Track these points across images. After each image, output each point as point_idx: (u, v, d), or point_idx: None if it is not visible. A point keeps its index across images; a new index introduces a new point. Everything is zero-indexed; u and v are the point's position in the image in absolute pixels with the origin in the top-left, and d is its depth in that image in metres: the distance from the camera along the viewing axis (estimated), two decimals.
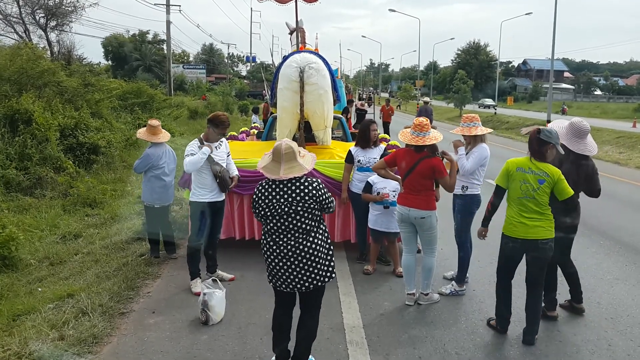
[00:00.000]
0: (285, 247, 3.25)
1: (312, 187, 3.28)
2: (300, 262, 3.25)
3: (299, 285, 3.29)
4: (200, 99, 31.86)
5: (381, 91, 74.90)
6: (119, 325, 4.19)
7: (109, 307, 4.40)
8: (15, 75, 10.69)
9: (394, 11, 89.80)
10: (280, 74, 6.46)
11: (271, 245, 3.30)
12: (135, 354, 3.76)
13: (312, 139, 6.75)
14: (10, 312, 4.29)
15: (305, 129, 6.57)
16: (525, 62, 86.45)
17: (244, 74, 66.61)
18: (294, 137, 6.47)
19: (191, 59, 63.91)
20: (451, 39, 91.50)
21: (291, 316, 3.52)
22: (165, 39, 29.54)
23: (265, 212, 3.28)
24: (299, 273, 3.26)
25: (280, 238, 3.27)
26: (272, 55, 55.28)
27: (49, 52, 20.20)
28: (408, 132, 4.55)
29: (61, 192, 8.42)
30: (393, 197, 5.18)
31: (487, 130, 4.92)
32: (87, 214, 7.66)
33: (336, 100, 7.26)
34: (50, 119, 9.90)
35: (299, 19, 8.57)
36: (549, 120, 22.78)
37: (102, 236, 6.56)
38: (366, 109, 19.30)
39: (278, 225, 3.26)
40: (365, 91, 55.91)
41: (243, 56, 70.88)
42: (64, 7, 22.76)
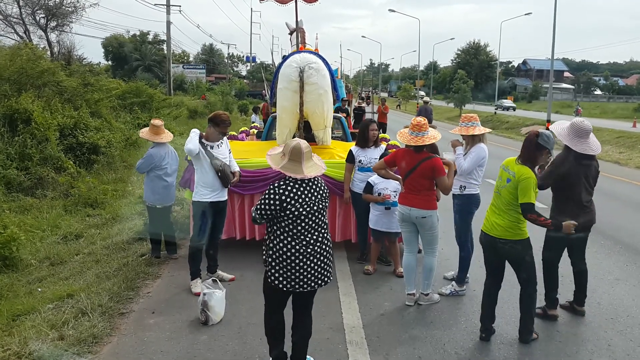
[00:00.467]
0: (315, 245, 3.26)
1: (325, 186, 3.43)
2: (324, 257, 3.32)
3: (320, 281, 3.32)
4: (199, 99, 31.84)
5: (381, 91, 74.90)
6: (119, 325, 4.19)
7: (109, 307, 4.40)
8: (15, 75, 10.68)
9: (394, 11, 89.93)
10: (280, 74, 6.47)
11: (300, 245, 3.20)
12: (135, 354, 3.76)
13: (312, 138, 6.75)
14: (10, 312, 4.29)
15: (305, 128, 6.57)
16: (525, 62, 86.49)
17: (244, 74, 66.61)
18: (293, 137, 6.48)
19: (191, 59, 63.87)
20: (451, 39, 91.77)
21: (284, 318, 3.50)
22: (166, 39, 29.54)
23: (296, 212, 3.18)
24: (322, 269, 3.31)
25: (308, 235, 3.24)
26: (272, 55, 55.32)
27: (49, 53, 20.20)
28: (406, 133, 4.54)
29: (62, 192, 8.43)
30: (394, 198, 5.17)
31: (486, 130, 4.92)
32: (89, 214, 7.66)
33: (336, 100, 7.27)
34: (49, 118, 9.89)
35: (299, 19, 8.58)
36: (549, 120, 22.79)
37: (103, 236, 6.55)
38: (363, 106, 19.35)
39: (309, 224, 3.24)
40: (364, 90, 55.89)
41: (243, 56, 71.00)
42: (64, 8, 22.76)
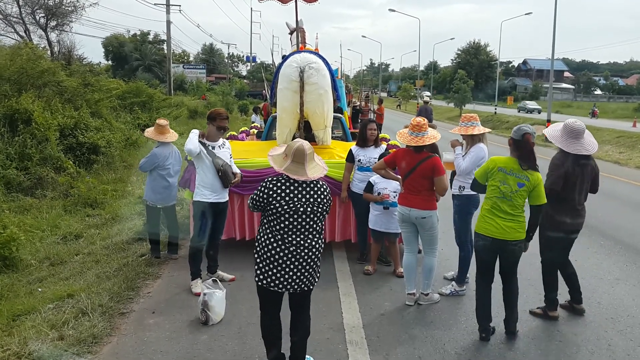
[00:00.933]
0: (294, 246, 3.22)
1: (326, 191, 3.35)
2: (305, 262, 3.24)
3: (295, 285, 3.26)
4: (200, 99, 31.85)
5: (380, 91, 74.95)
6: (119, 325, 4.19)
7: (109, 307, 4.40)
8: (15, 75, 10.68)
9: (394, 11, 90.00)
10: (281, 74, 6.47)
11: (279, 244, 3.23)
12: (135, 354, 3.76)
13: (312, 138, 6.75)
14: (10, 312, 4.29)
15: (305, 128, 6.57)
16: (525, 62, 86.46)
17: (244, 74, 66.62)
18: (293, 137, 6.48)
19: (191, 58, 63.86)
20: (451, 39, 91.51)
21: (280, 319, 3.47)
22: (166, 39, 29.54)
23: (281, 209, 3.20)
24: (302, 274, 3.24)
25: (290, 236, 3.23)
26: (272, 55, 55.35)
27: (49, 52, 20.21)
28: (406, 133, 4.54)
29: (62, 193, 8.42)
30: (393, 198, 5.17)
31: (485, 130, 4.92)
32: (88, 214, 7.66)
33: (336, 100, 7.26)
34: (49, 118, 9.89)
35: (299, 19, 8.58)
36: (549, 120, 22.80)
37: (103, 236, 6.55)
38: (357, 104, 19.42)
39: (293, 224, 3.22)
40: (363, 90, 55.94)
41: (243, 56, 71.01)
42: (64, 7, 22.75)
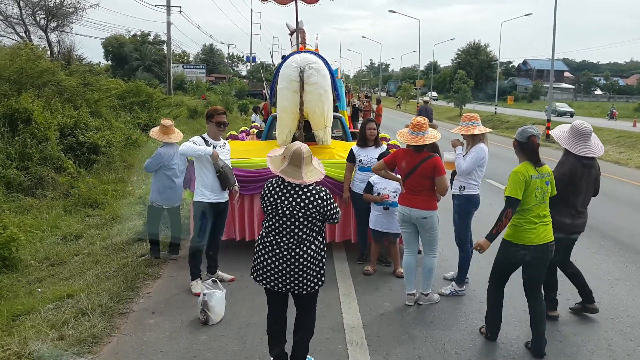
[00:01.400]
0: (279, 248, 3.22)
1: (319, 197, 3.21)
2: (288, 267, 3.20)
3: (285, 285, 3.24)
4: (199, 98, 31.85)
5: (380, 91, 74.97)
6: (119, 325, 4.18)
7: (109, 308, 4.40)
8: (14, 75, 10.68)
9: (394, 12, 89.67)
10: (280, 74, 6.46)
11: (270, 242, 3.26)
12: (135, 354, 3.76)
13: (312, 138, 6.75)
14: (10, 313, 4.29)
15: (305, 128, 6.57)
16: (525, 62, 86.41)
17: (244, 74, 66.58)
18: (293, 137, 6.48)
19: (191, 59, 63.84)
20: (451, 40, 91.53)
21: (285, 318, 3.47)
22: (166, 39, 29.53)
23: (272, 210, 3.25)
24: (291, 275, 3.22)
25: (275, 237, 3.24)
26: (272, 55, 55.39)
27: (49, 53, 20.21)
28: (406, 132, 4.53)
29: (62, 193, 8.41)
30: (393, 198, 5.17)
31: (486, 130, 4.92)
32: (88, 214, 7.65)
33: (336, 100, 7.26)
34: (49, 118, 9.89)
35: (299, 20, 8.58)
36: (549, 120, 22.76)
37: (103, 237, 6.55)
38: (355, 103, 19.55)
39: (277, 225, 3.24)
40: (362, 90, 56.09)
41: (243, 56, 70.99)
42: (64, 8, 22.75)
